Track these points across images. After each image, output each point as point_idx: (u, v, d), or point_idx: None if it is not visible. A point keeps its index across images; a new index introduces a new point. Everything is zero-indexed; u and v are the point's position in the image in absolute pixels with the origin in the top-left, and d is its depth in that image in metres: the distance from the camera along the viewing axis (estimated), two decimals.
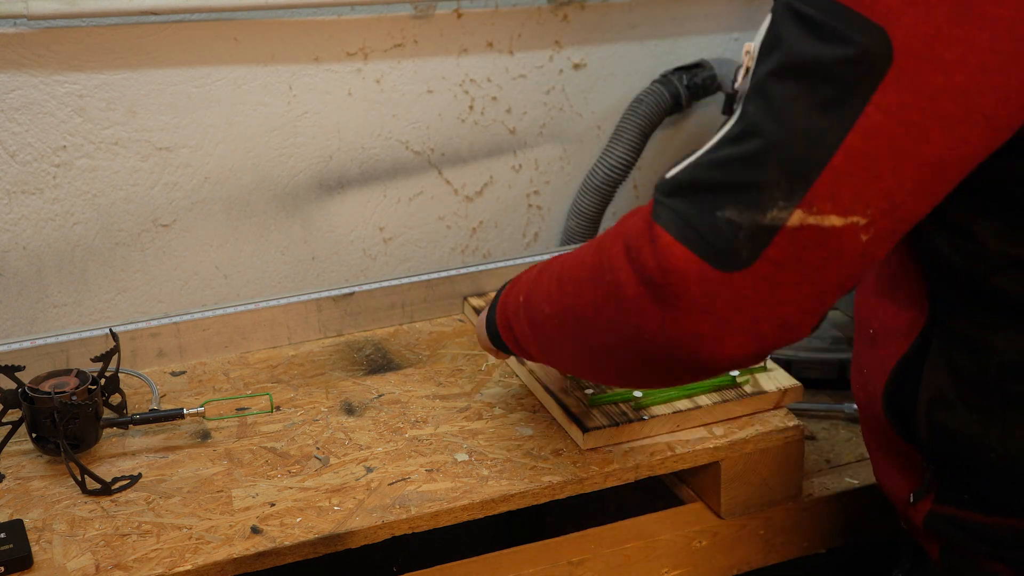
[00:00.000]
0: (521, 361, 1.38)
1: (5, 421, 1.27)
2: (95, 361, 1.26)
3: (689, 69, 1.85)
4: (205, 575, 1.10)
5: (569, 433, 1.27)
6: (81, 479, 1.20)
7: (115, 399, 1.33)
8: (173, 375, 1.43)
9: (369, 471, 1.23)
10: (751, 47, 0.96)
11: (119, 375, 1.31)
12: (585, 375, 1.10)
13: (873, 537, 1.36)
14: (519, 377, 1.40)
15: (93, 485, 1.20)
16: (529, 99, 1.83)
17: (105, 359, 1.26)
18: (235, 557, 1.11)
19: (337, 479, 1.22)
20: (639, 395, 1.27)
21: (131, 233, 1.66)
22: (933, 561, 1.09)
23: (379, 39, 1.70)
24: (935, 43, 0.82)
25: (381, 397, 1.37)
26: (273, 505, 1.18)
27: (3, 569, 1.08)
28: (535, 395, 1.35)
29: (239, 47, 1.63)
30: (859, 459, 1.37)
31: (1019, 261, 0.93)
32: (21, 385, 1.24)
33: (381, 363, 1.45)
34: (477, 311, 1.52)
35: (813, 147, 0.84)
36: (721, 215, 0.86)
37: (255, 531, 1.14)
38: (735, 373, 1.31)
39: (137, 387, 1.40)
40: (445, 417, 1.32)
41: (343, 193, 1.76)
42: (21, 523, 1.14)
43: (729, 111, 1.06)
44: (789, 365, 1.43)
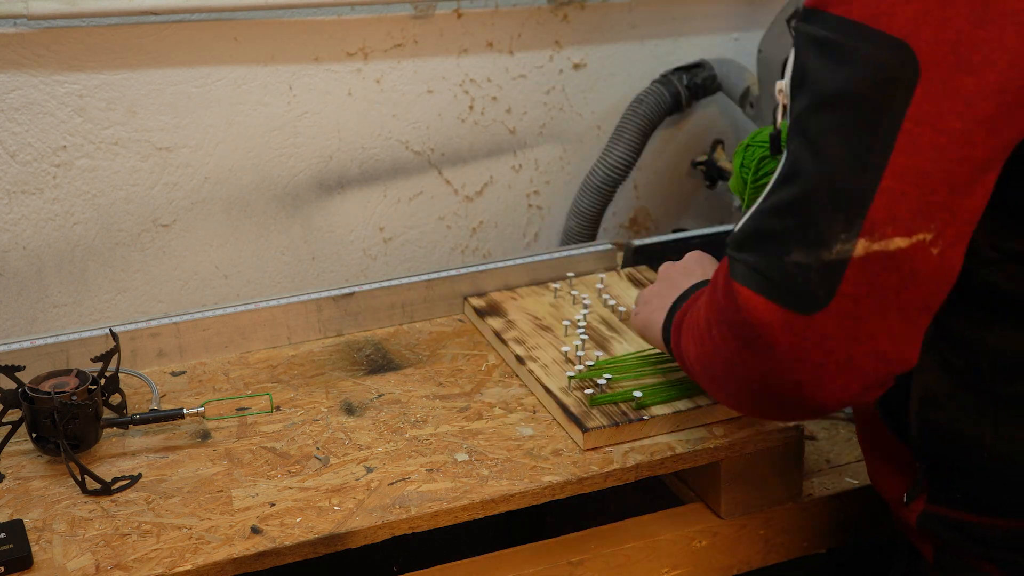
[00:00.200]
0: (521, 361, 1.38)
1: (5, 421, 1.27)
2: (95, 361, 1.26)
3: (689, 69, 1.85)
4: (205, 575, 1.10)
5: (569, 433, 1.27)
6: (81, 479, 1.20)
7: (115, 399, 1.32)
8: (173, 375, 1.43)
9: (369, 471, 1.23)
10: (783, 85, 0.97)
11: (119, 375, 1.31)
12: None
13: (872, 537, 1.36)
14: (519, 377, 1.40)
15: (93, 485, 1.20)
16: (529, 99, 1.83)
17: (105, 359, 1.26)
18: (235, 557, 1.11)
19: (337, 479, 1.22)
20: (639, 395, 1.27)
21: (131, 233, 1.66)
22: (927, 562, 1.08)
23: (379, 39, 1.70)
24: (960, 48, 0.82)
25: (381, 397, 1.37)
26: (273, 505, 1.18)
27: (3, 569, 1.08)
28: (535, 395, 1.35)
29: (239, 47, 1.63)
30: (859, 459, 1.37)
31: (1010, 255, 0.93)
32: (21, 385, 1.24)
33: (381, 363, 1.45)
34: (477, 311, 1.52)
35: (859, 174, 0.84)
36: (789, 259, 0.87)
37: (255, 531, 1.14)
38: None
39: (137, 387, 1.40)
40: (445, 417, 1.32)
41: (343, 193, 1.76)
42: (21, 523, 1.14)
43: (776, 151, 1.08)
44: None
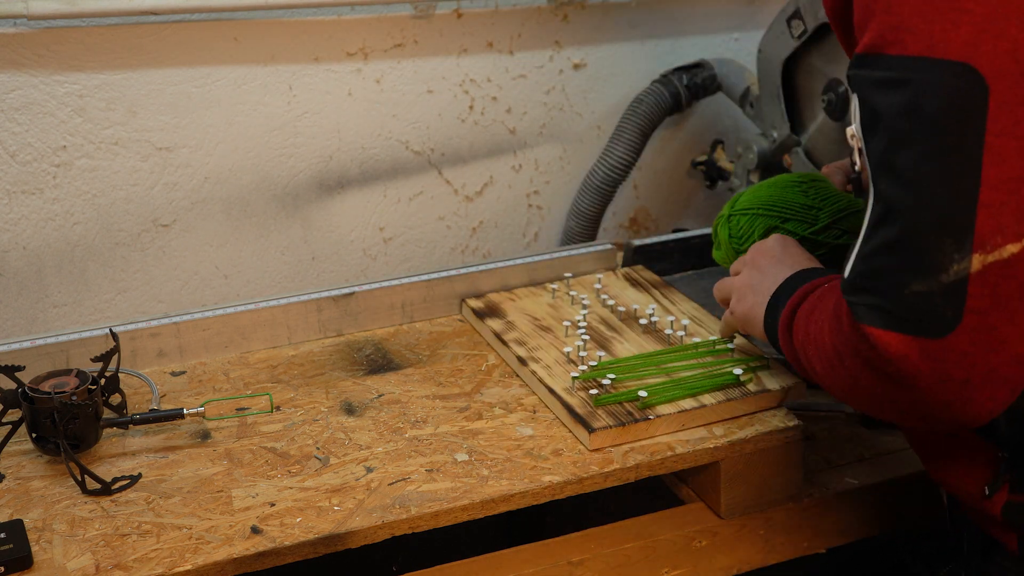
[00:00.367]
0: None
1: (5, 421, 1.27)
2: (95, 361, 1.26)
3: (689, 69, 1.85)
4: (205, 575, 1.10)
5: (575, 433, 1.27)
6: (81, 479, 1.20)
7: (115, 399, 1.32)
8: (173, 375, 1.43)
9: (369, 471, 1.23)
10: (853, 130, 1.01)
11: (119, 375, 1.31)
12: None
13: (873, 537, 1.36)
14: (520, 377, 1.40)
15: (93, 485, 1.20)
16: (529, 99, 1.83)
17: (105, 359, 1.26)
18: (235, 557, 1.11)
19: (337, 479, 1.22)
20: (644, 395, 1.27)
21: (131, 233, 1.66)
22: (1010, 553, 1.09)
23: (379, 39, 1.70)
24: (1019, 55, 0.86)
25: (381, 397, 1.37)
26: (273, 505, 1.17)
27: (3, 569, 1.08)
28: (537, 395, 1.35)
29: (239, 47, 1.63)
30: (859, 459, 1.37)
31: None
32: (21, 385, 1.24)
33: (381, 363, 1.45)
34: (475, 312, 1.52)
35: (956, 198, 0.88)
36: (909, 291, 0.90)
37: (255, 531, 1.14)
38: (738, 372, 1.31)
39: (137, 387, 1.40)
40: (445, 417, 1.32)
41: (343, 193, 1.76)
42: (21, 523, 1.14)
43: (860, 193, 1.14)
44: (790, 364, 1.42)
